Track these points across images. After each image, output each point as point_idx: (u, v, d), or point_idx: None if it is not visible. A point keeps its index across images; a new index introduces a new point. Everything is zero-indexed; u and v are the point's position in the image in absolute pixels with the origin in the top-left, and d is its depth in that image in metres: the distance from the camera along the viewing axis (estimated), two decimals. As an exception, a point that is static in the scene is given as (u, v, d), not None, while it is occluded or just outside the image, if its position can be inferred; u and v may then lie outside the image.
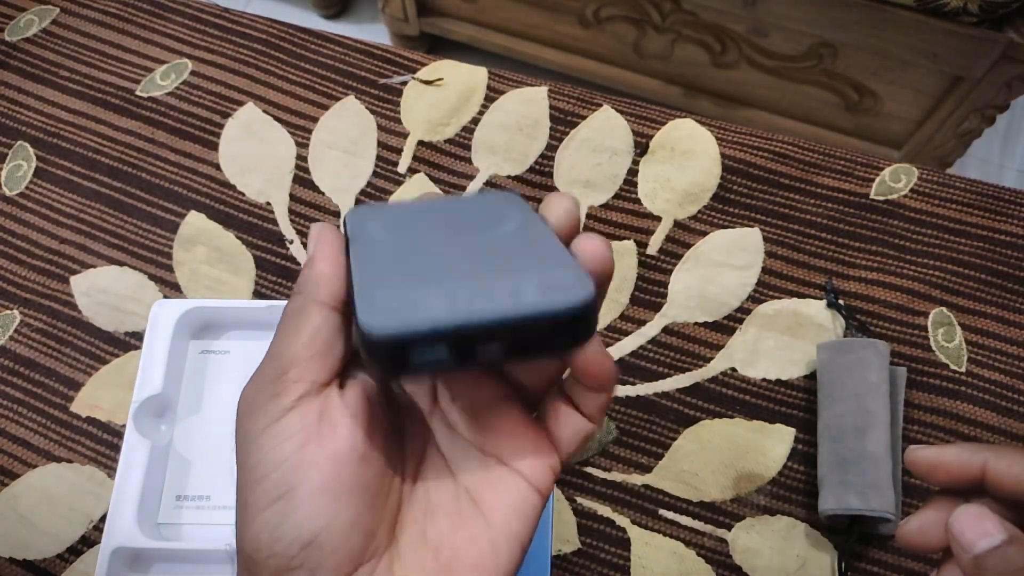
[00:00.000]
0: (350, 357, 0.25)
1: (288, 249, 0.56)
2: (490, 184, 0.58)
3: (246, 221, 0.57)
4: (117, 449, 0.49)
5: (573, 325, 0.21)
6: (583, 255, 0.23)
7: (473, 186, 0.58)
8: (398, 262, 0.23)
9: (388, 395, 0.27)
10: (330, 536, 0.22)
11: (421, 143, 0.60)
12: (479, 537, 0.24)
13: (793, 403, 0.52)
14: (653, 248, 0.56)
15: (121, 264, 0.56)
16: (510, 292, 0.20)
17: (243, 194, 0.58)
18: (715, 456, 0.50)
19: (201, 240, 0.57)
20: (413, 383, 0.28)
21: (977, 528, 0.26)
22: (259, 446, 0.23)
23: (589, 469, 0.50)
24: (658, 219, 0.57)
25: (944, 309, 0.54)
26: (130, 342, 0.53)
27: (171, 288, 0.55)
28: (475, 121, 0.61)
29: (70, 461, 0.50)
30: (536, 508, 0.25)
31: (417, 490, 0.26)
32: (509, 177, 0.59)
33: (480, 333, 0.20)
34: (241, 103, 0.62)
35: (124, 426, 0.47)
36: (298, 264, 0.56)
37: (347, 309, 0.24)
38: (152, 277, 0.55)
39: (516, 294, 0.20)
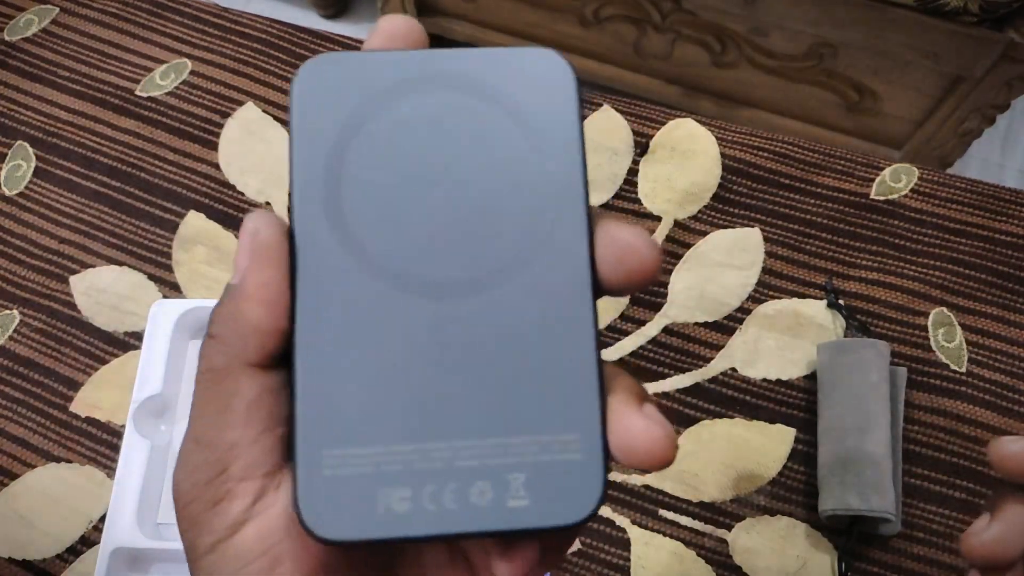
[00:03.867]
0: None
1: (288, 249, 0.56)
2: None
3: (246, 221, 0.57)
4: (116, 449, 0.49)
5: (565, 529, 0.17)
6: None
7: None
8: (353, 370, 0.17)
9: None
10: None
11: (421, 143, 0.60)
12: None
13: (793, 403, 0.52)
14: (653, 248, 0.56)
15: (120, 264, 0.56)
16: (492, 495, 0.17)
17: (243, 194, 0.58)
18: (715, 456, 0.50)
19: (201, 240, 0.56)
20: None
21: None
22: (212, 572, 0.18)
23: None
24: (658, 219, 0.57)
25: (944, 309, 0.54)
26: (130, 342, 0.53)
27: (171, 288, 0.55)
28: (475, 121, 0.61)
29: (69, 461, 0.50)
30: None
31: None
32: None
33: (449, 539, 0.18)
34: (241, 103, 0.61)
35: (123, 426, 0.47)
36: (298, 264, 0.56)
37: (287, 351, 0.18)
38: (151, 277, 0.55)
39: (498, 500, 0.17)
